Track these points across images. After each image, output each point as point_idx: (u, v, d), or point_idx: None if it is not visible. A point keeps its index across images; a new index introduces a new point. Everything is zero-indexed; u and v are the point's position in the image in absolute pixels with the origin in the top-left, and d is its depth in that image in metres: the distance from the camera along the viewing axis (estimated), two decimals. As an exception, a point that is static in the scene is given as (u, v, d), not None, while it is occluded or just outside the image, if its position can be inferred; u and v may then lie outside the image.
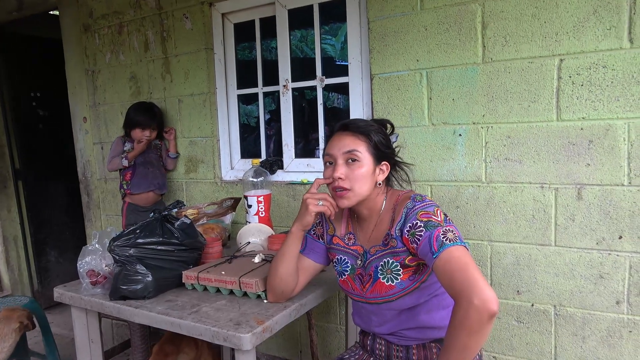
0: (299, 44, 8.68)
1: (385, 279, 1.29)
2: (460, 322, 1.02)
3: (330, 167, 1.33)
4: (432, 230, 1.17)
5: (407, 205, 1.26)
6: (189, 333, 1.37)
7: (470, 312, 1.01)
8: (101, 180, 3.14)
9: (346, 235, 1.43)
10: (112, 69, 2.94)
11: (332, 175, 1.30)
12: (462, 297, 1.03)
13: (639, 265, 1.66)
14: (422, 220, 1.20)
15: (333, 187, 1.31)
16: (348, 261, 1.40)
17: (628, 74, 1.62)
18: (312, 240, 1.48)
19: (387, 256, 1.29)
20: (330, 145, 1.34)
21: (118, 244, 1.56)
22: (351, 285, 1.39)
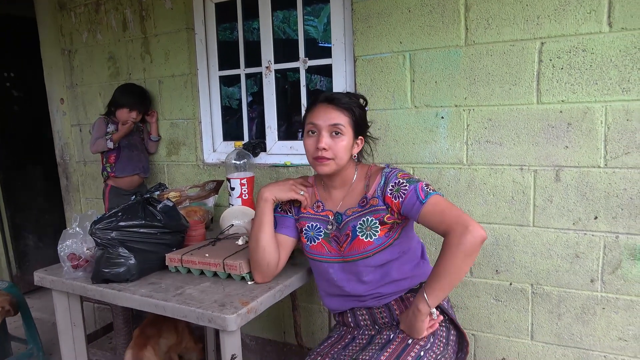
0: (282, 25, 8.57)
1: (364, 235, 1.38)
2: (456, 246, 1.20)
3: (312, 137, 1.40)
4: (415, 184, 1.33)
5: (385, 171, 1.41)
6: (173, 315, 1.37)
7: (466, 236, 1.19)
8: (80, 163, 3.08)
9: (314, 203, 1.51)
10: (90, 48, 2.87)
11: (315, 145, 1.38)
12: (457, 226, 1.21)
13: (613, 244, 1.71)
14: (404, 179, 1.36)
15: (315, 157, 1.39)
16: (320, 226, 1.48)
17: (606, 57, 1.65)
18: (281, 217, 1.54)
19: (367, 215, 1.39)
20: (314, 115, 1.40)
21: (100, 227, 1.55)
22: (327, 247, 1.46)
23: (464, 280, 1.98)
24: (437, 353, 1.35)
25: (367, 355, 1.31)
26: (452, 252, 1.21)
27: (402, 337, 1.37)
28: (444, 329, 1.43)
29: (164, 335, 2.04)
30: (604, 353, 1.77)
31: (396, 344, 1.34)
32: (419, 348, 1.33)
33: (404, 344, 1.34)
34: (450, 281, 1.23)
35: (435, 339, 1.38)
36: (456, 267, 1.21)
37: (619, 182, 1.68)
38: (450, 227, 1.23)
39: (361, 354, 1.34)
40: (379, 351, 1.32)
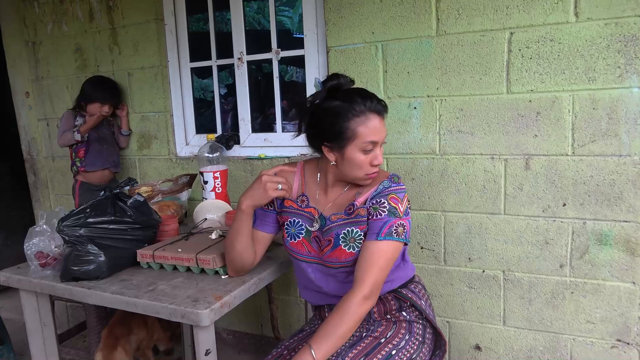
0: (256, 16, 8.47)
1: (346, 246, 1.33)
2: (354, 312, 1.20)
3: (368, 154, 1.29)
4: (391, 217, 1.29)
5: (384, 183, 1.34)
6: (145, 312, 1.35)
7: (363, 307, 1.21)
8: (48, 158, 2.99)
9: (299, 197, 1.44)
10: (55, 40, 2.78)
11: (370, 162, 1.29)
12: (364, 289, 1.22)
13: (581, 230, 1.76)
14: (390, 204, 1.30)
15: (370, 174, 1.31)
16: (302, 223, 1.42)
17: (573, 47, 1.67)
18: (262, 212, 1.47)
19: (351, 225, 1.34)
20: (371, 129, 1.26)
21: (67, 224, 1.51)
22: (307, 247, 1.41)
23: (438, 268, 2.01)
24: (411, 352, 1.34)
25: (336, 352, 1.27)
26: (349, 316, 1.20)
27: (374, 336, 1.35)
28: (420, 327, 1.42)
29: (134, 332, 2.01)
30: (573, 336, 1.83)
31: (367, 342, 1.32)
32: (391, 347, 1.32)
33: (376, 342, 1.33)
34: (341, 344, 1.20)
35: (411, 336, 1.37)
36: (349, 330, 1.20)
37: (586, 169, 1.72)
38: (360, 284, 1.22)
39: None
40: (348, 348, 1.29)
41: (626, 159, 1.66)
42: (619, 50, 1.62)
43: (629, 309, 1.73)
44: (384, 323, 1.41)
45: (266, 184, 1.33)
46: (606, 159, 1.68)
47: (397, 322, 1.41)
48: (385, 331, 1.38)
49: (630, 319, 1.73)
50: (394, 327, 1.39)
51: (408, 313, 1.42)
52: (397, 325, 1.40)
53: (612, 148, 1.67)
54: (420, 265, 2.03)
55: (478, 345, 2.00)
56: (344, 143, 1.28)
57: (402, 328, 1.39)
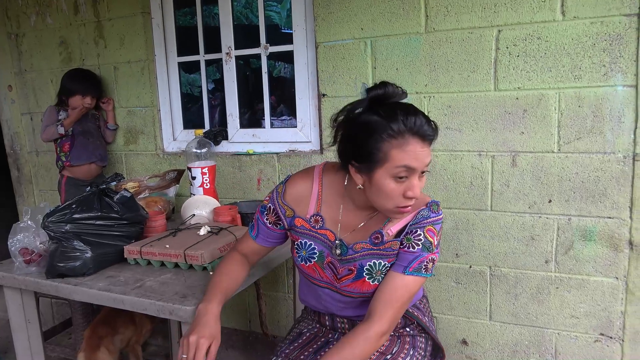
0: (244, 11, 8.41)
1: (372, 279, 1.22)
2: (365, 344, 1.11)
3: (401, 182, 1.09)
4: (424, 252, 1.17)
5: (423, 212, 1.18)
6: (132, 308, 1.34)
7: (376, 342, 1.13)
8: (32, 153, 2.94)
9: (312, 217, 1.26)
10: (39, 32, 2.72)
11: (403, 193, 1.09)
12: (381, 325, 1.13)
13: (566, 226, 1.78)
14: (426, 237, 1.17)
15: (401, 206, 1.11)
16: (315, 247, 1.27)
17: (560, 45, 1.69)
18: (265, 229, 1.32)
19: (379, 257, 1.21)
20: (411, 157, 1.06)
21: (52, 219, 1.48)
22: (319, 273, 1.29)
23: (425, 264, 2.02)
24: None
25: None
26: (366, 354, 1.12)
27: (380, 352, 1.29)
28: (423, 340, 1.38)
29: (119, 332, 1.97)
30: (558, 330, 1.86)
31: (373, 358, 1.27)
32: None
33: (382, 358, 1.27)
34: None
35: (415, 351, 1.34)
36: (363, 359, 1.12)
37: (572, 166, 1.74)
38: (379, 320, 1.13)
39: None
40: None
41: (610, 156, 1.68)
42: (604, 49, 1.64)
43: (612, 303, 1.76)
44: (388, 338, 1.32)
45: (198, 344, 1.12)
46: (591, 156, 1.71)
47: (401, 337, 1.37)
48: (390, 347, 1.33)
49: (613, 313, 1.77)
50: (398, 342, 1.35)
51: (412, 328, 1.38)
52: (401, 340, 1.36)
53: (597, 145, 1.70)
54: (408, 261, 2.04)
55: (465, 340, 2.02)
56: (374, 165, 1.09)
57: (406, 343, 1.35)
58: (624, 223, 1.70)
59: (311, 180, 1.27)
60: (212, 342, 1.13)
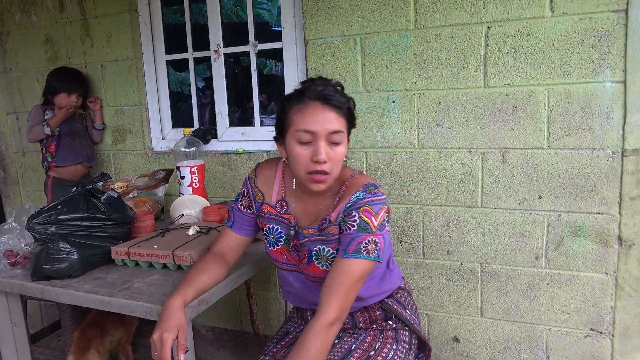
0: (234, 9, 8.37)
1: (320, 264, 1.26)
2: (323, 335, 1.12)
3: (306, 148, 1.15)
4: (361, 233, 1.17)
5: (357, 194, 1.19)
6: (120, 311, 1.32)
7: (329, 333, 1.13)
8: (19, 153, 2.90)
9: (278, 202, 1.33)
10: (24, 30, 2.68)
11: (311, 158, 1.15)
12: (330, 313, 1.13)
13: (556, 222, 1.79)
14: (361, 218, 1.17)
15: (311, 172, 1.16)
16: (281, 230, 1.32)
17: (549, 41, 1.69)
18: (240, 215, 1.37)
19: (321, 243, 1.25)
20: (308, 118, 1.14)
21: (37, 221, 1.46)
22: (286, 256, 1.34)
23: (417, 262, 2.02)
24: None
25: None
26: (316, 347, 1.10)
27: (364, 348, 1.31)
28: (407, 334, 1.39)
29: (109, 333, 1.96)
30: (549, 326, 1.86)
31: (357, 355, 1.29)
32: (381, 359, 1.28)
33: (366, 355, 1.29)
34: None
35: (399, 345, 1.35)
36: (319, 356, 1.11)
37: (561, 162, 1.74)
38: (325, 310, 1.13)
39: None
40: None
41: (599, 152, 1.69)
42: (593, 45, 1.64)
43: (602, 299, 1.77)
44: (370, 333, 1.37)
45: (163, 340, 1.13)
46: (580, 152, 1.71)
47: (384, 331, 1.38)
48: (373, 342, 1.34)
49: (603, 308, 1.77)
50: (381, 336, 1.36)
51: (394, 322, 1.39)
52: (384, 335, 1.37)
53: (586, 141, 1.70)
54: (400, 258, 2.04)
55: (456, 336, 2.02)
56: (285, 133, 1.19)
57: (389, 337, 1.36)
58: (613, 219, 1.71)
59: (276, 168, 1.35)
60: (177, 333, 1.14)
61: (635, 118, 1.62)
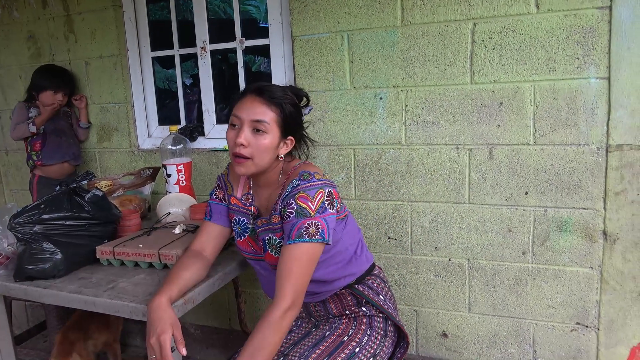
0: (222, 5, 8.30)
1: (273, 252, 1.32)
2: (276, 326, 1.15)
3: (233, 130, 1.27)
4: (300, 218, 1.22)
5: (293, 183, 1.27)
6: (105, 311, 1.31)
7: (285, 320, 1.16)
8: (2, 152, 2.85)
9: (243, 195, 1.42)
10: (6, 27, 2.63)
11: (234, 140, 1.26)
12: (284, 301, 1.16)
13: (542, 218, 1.80)
14: (298, 204, 1.23)
15: (233, 153, 1.27)
16: (246, 222, 1.40)
17: (534, 38, 1.70)
18: (216, 205, 1.44)
19: (271, 232, 1.31)
20: (240, 106, 1.28)
21: (20, 220, 1.43)
22: (252, 246, 1.40)
23: (405, 258, 2.02)
24: (375, 347, 1.34)
25: (299, 352, 1.27)
26: (273, 332, 1.14)
27: (337, 335, 1.35)
28: (381, 320, 1.40)
29: (93, 337, 1.92)
30: (535, 320, 1.88)
31: (330, 341, 1.32)
32: (354, 344, 1.31)
33: (339, 340, 1.32)
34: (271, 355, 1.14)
35: (372, 331, 1.37)
36: (276, 345, 1.15)
37: (547, 158, 1.75)
38: (280, 297, 1.16)
39: (293, 349, 1.30)
40: (311, 348, 1.29)
41: (584, 148, 1.70)
42: (578, 42, 1.65)
43: (588, 293, 1.79)
44: (344, 320, 1.40)
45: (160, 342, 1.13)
46: (566, 148, 1.72)
47: (358, 318, 1.40)
48: (346, 329, 1.37)
49: (588, 302, 1.79)
50: (355, 323, 1.38)
51: (367, 308, 1.40)
52: (357, 322, 1.39)
53: (572, 137, 1.71)
54: (388, 255, 2.04)
55: (445, 332, 2.03)
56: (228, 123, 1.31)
57: (362, 324, 1.38)
58: (598, 214, 1.72)
59: None
60: (172, 331, 1.14)
61: (619, 114, 1.64)
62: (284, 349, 1.33)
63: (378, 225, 2.04)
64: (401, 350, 1.46)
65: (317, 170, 1.31)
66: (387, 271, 2.03)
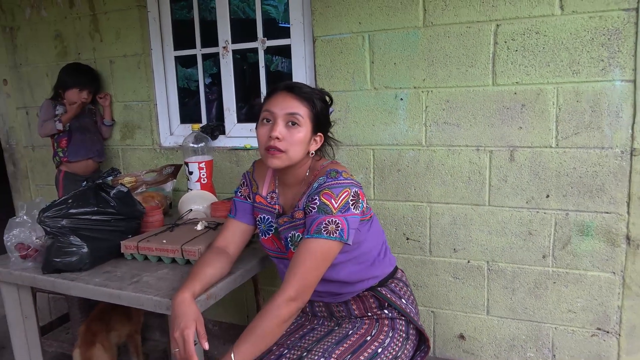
0: (241, 5, 8.37)
1: (295, 249, 1.31)
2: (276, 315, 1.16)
3: (266, 125, 1.30)
4: (321, 214, 1.23)
5: (319, 180, 1.29)
6: (129, 304, 1.34)
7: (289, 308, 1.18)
8: (28, 148, 2.93)
9: (269, 194, 1.44)
10: (34, 26, 2.70)
11: (268, 134, 1.27)
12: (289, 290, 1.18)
13: (563, 221, 1.78)
14: (321, 200, 1.24)
15: (267, 147, 1.28)
16: (271, 220, 1.42)
17: (558, 40, 1.69)
18: (240, 202, 1.47)
19: (293, 229, 1.33)
20: (271, 102, 1.30)
21: (49, 215, 1.48)
22: (277, 244, 1.42)
23: (423, 259, 2.02)
24: (396, 349, 1.35)
25: (322, 348, 1.28)
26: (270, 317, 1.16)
27: (360, 334, 1.35)
28: (403, 323, 1.41)
29: (115, 328, 1.97)
30: (555, 325, 1.86)
31: (353, 339, 1.32)
32: (377, 345, 1.32)
33: (362, 339, 1.33)
34: (264, 345, 1.17)
35: (395, 333, 1.38)
36: (270, 330, 1.17)
37: (569, 161, 1.74)
38: (286, 285, 1.19)
39: (316, 345, 1.31)
40: (334, 345, 1.30)
41: (608, 151, 1.68)
42: (603, 44, 1.63)
43: (609, 298, 1.76)
44: (366, 321, 1.40)
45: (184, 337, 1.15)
46: (589, 151, 1.71)
47: (380, 320, 1.40)
48: (369, 329, 1.38)
49: (610, 308, 1.77)
50: (377, 324, 1.39)
51: (390, 311, 1.41)
52: (379, 323, 1.39)
53: (595, 140, 1.69)
54: (406, 256, 2.04)
55: (462, 334, 2.02)
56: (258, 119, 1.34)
57: (385, 325, 1.39)
58: (621, 218, 1.70)
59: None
60: (195, 326, 1.17)
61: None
62: (307, 345, 1.34)
63: (397, 226, 2.04)
64: (421, 354, 1.46)
65: (345, 170, 1.32)
66: (405, 272, 2.03)
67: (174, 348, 1.17)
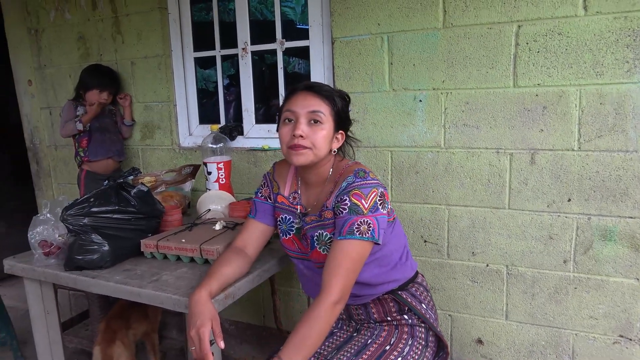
0: (259, 7, 8.42)
1: (321, 249, 1.33)
2: (325, 317, 1.15)
3: (289, 125, 1.30)
4: (352, 215, 1.23)
5: (348, 179, 1.28)
6: (149, 302, 1.35)
7: (334, 311, 1.17)
8: (51, 147, 2.99)
9: (291, 194, 1.44)
10: (58, 28, 2.76)
11: (291, 133, 1.28)
12: (331, 294, 1.17)
13: (585, 226, 1.75)
14: (351, 201, 1.24)
15: (291, 145, 1.28)
16: (292, 220, 1.42)
17: (581, 41, 1.66)
18: (261, 203, 1.47)
19: (321, 228, 1.32)
20: (292, 102, 1.31)
21: (71, 213, 1.51)
22: (297, 244, 1.42)
23: (441, 262, 2.00)
24: (415, 358, 1.34)
25: (342, 358, 1.28)
26: (320, 325, 1.14)
27: (379, 343, 1.35)
28: (423, 330, 1.40)
29: (133, 326, 2.00)
30: (575, 331, 1.83)
31: (373, 349, 1.32)
32: (397, 354, 1.31)
33: (381, 349, 1.32)
34: (315, 348, 1.15)
35: (414, 340, 1.37)
36: (321, 338, 1.15)
37: (592, 164, 1.71)
38: (328, 290, 1.17)
39: (336, 354, 1.31)
40: (354, 356, 1.29)
41: (633, 155, 1.65)
42: (628, 45, 1.60)
43: (632, 305, 1.73)
44: (385, 327, 1.40)
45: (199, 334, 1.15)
46: (612, 154, 1.67)
47: (399, 327, 1.39)
48: (388, 337, 1.37)
49: (633, 315, 1.73)
50: (396, 331, 1.38)
51: (410, 317, 1.40)
52: (399, 330, 1.39)
53: (619, 143, 1.66)
54: (424, 258, 2.03)
55: (480, 339, 2.00)
56: (279, 120, 1.35)
57: (404, 333, 1.38)
58: (646, 223, 1.66)
59: (290, 164, 1.44)
60: (211, 324, 1.17)
61: (672, 120, 1.58)
62: (327, 353, 1.34)
63: (414, 228, 2.03)
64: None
65: (371, 170, 1.33)
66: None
67: (190, 346, 1.18)
